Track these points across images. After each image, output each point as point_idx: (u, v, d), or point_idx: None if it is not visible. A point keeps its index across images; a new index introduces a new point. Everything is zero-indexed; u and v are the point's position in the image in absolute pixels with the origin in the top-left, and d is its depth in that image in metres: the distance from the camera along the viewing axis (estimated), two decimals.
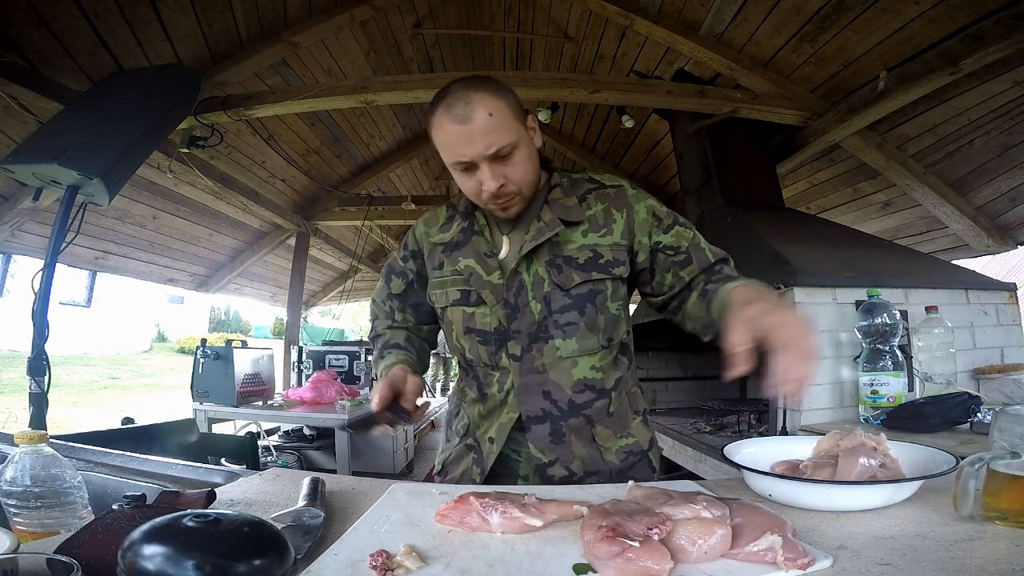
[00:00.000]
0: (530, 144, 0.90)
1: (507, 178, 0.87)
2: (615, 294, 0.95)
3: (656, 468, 1.01)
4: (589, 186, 0.99)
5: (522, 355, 0.94)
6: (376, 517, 0.65)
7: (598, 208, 0.96)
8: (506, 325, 0.94)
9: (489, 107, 0.82)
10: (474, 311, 0.97)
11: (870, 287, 1.65)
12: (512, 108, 0.86)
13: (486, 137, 0.82)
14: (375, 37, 3.37)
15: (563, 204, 0.95)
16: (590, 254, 0.93)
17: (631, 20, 2.83)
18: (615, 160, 4.54)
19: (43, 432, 0.70)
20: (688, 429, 2.54)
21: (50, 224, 1.93)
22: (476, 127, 0.82)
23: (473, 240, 0.99)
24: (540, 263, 0.94)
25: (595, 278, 0.93)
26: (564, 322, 0.93)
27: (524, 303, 0.94)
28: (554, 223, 0.93)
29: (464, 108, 0.82)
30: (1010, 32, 1.87)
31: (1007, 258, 5.65)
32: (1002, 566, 0.48)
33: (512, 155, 0.86)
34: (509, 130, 0.84)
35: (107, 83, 2.15)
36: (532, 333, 0.93)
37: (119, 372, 11.97)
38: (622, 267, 0.94)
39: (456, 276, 0.98)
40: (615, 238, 0.94)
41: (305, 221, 4.70)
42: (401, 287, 1.08)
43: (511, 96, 0.87)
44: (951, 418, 1.32)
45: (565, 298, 0.93)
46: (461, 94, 0.83)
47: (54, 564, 0.44)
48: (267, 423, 3.56)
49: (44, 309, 1.78)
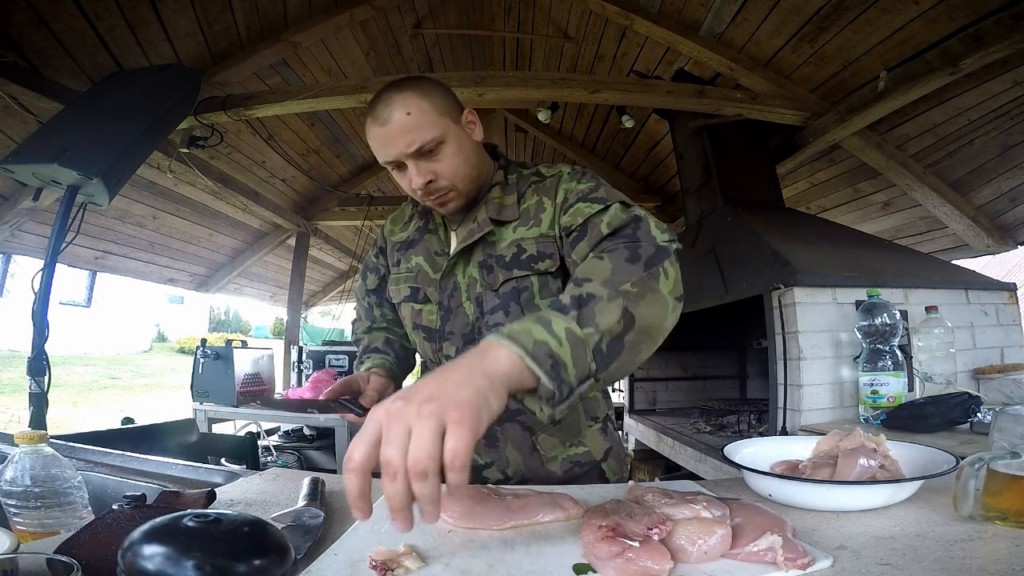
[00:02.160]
0: (462, 138, 0.88)
1: (436, 173, 0.86)
2: (544, 290, 0.90)
3: (611, 480, 0.97)
4: (532, 179, 0.95)
5: (456, 356, 0.93)
6: (376, 517, 0.65)
7: (532, 201, 0.92)
8: (442, 327, 0.95)
9: (408, 106, 0.82)
10: (421, 308, 0.98)
11: (870, 287, 1.65)
12: (436, 104, 0.84)
13: (405, 136, 0.82)
14: (375, 37, 3.36)
15: (499, 203, 0.93)
16: (515, 250, 0.90)
17: (631, 20, 2.83)
18: (615, 160, 4.54)
19: (43, 432, 0.70)
20: (688, 429, 2.54)
21: (50, 224, 1.93)
22: (394, 127, 0.82)
23: (425, 238, 0.99)
24: (474, 264, 0.93)
25: (517, 275, 0.90)
26: (493, 323, 0.91)
27: (457, 304, 0.94)
28: (485, 223, 0.91)
29: (384, 110, 0.82)
30: (1010, 32, 1.86)
31: (1007, 258, 5.65)
32: (1002, 566, 0.48)
33: (438, 150, 0.85)
34: (431, 126, 0.83)
35: (107, 83, 2.15)
36: (466, 335, 0.93)
37: (119, 372, 11.97)
38: (548, 260, 0.89)
39: (408, 273, 1.00)
40: (542, 229, 0.90)
41: (305, 221, 4.70)
42: (375, 283, 1.11)
43: (438, 92, 0.86)
44: (951, 418, 1.32)
45: (495, 298, 0.91)
46: (384, 97, 0.84)
47: (54, 564, 0.44)
48: (267, 423, 3.56)
49: (44, 309, 1.78)
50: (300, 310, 5.05)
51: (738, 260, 2.18)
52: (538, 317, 0.57)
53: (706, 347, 3.30)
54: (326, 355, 4.01)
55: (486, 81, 2.62)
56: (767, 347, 1.83)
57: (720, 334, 3.12)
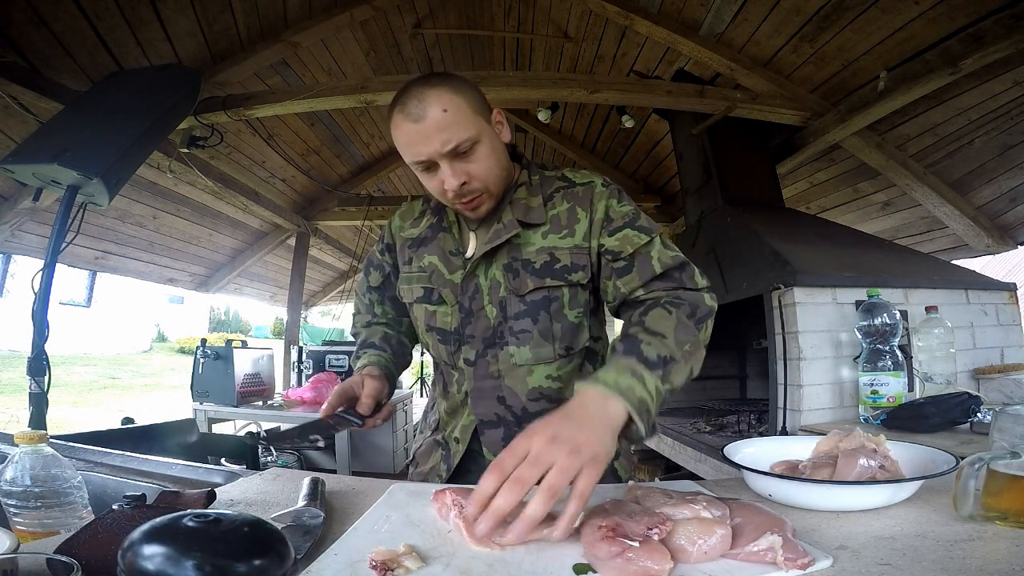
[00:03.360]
0: (494, 139, 0.86)
1: (470, 175, 0.83)
2: (573, 301, 0.89)
3: (622, 478, 0.97)
4: (559, 184, 0.93)
5: (476, 360, 0.92)
6: (376, 517, 0.65)
7: (563, 207, 0.90)
8: (461, 328, 0.92)
9: (444, 103, 0.79)
10: (435, 309, 0.95)
11: (870, 287, 1.65)
12: (471, 103, 0.82)
13: (441, 134, 0.79)
14: (375, 37, 3.37)
15: (526, 204, 0.90)
16: (547, 258, 0.88)
17: (631, 20, 2.83)
18: (615, 160, 4.54)
19: (43, 432, 0.70)
20: (688, 429, 2.54)
21: (50, 224, 1.93)
22: (430, 124, 0.78)
23: (439, 237, 0.96)
24: (498, 267, 0.90)
25: (549, 284, 0.88)
26: (518, 329, 0.89)
27: (479, 307, 0.91)
28: (512, 225, 0.88)
29: (417, 106, 0.79)
30: (1010, 32, 1.87)
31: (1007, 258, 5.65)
32: (1002, 566, 0.48)
33: (473, 151, 0.82)
34: (467, 125, 0.80)
35: (107, 83, 2.15)
36: (487, 338, 0.91)
37: (119, 372, 11.97)
38: (580, 272, 0.88)
39: (420, 273, 0.96)
40: (576, 240, 0.88)
41: (305, 221, 4.70)
42: (379, 280, 1.07)
43: (471, 91, 0.84)
44: (951, 418, 1.32)
45: (520, 304, 0.89)
46: (415, 92, 0.80)
47: (54, 564, 0.44)
48: (267, 423, 3.56)
49: (44, 309, 1.78)
50: (300, 310, 5.06)
51: (738, 260, 2.18)
52: (633, 371, 0.69)
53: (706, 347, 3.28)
54: (326, 355, 4.01)
55: (486, 81, 2.62)
56: (767, 347, 1.83)
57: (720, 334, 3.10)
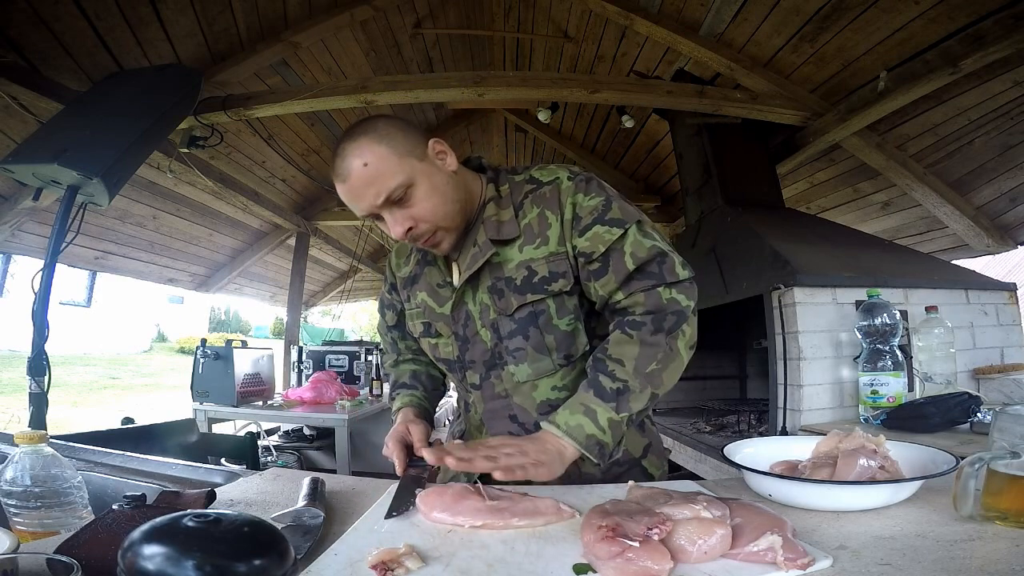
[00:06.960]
0: (433, 175, 0.82)
1: (414, 218, 0.81)
2: (561, 310, 0.86)
3: (655, 475, 0.95)
4: (527, 188, 0.88)
5: (481, 383, 0.93)
6: (376, 517, 0.65)
7: (533, 215, 0.86)
8: (462, 356, 0.93)
9: (363, 156, 0.77)
10: (436, 342, 0.97)
11: (870, 287, 1.65)
12: (395, 146, 0.79)
13: (368, 188, 0.78)
14: (375, 37, 3.36)
15: (497, 221, 0.87)
16: (526, 272, 0.86)
17: (631, 20, 2.83)
18: (615, 160, 4.54)
19: (43, 432, 0.70)
20: (688, 429, 2.54)
21: (50, 224, 1.93)
22: (355, 181, 0.78)
23: (426, 272, 0.96)
24: (483, 290, 0.88)
25: (531, 299, 0.85)
26: (513, 348, 0.88)
27: (474, 333, 0.91)
28: (486, 246, 0.86)
29: (341, 164, 0.79)
30: (1010, 32, 1.87)
31: (1007, 258, 5.65)
32: (1002, 566, 0.48)
33: (409, 195, 0.80)
34: (394, 172, 0.78)
35: (107, 83, 2.15)
36: (487, 361, 0.91)
37: (119, 372, 11.96)
38: (562, 280, 0.85)
39: (417, 309, 0.98)
40: (551, 247, 0.85)
41: (305, 221, 4.70)
42: (394, 319, 1.08)
43: (396, 132, 0.80)
44: (951, 418, 1.32)
45: (511, 323, 0.87)
46: (339, 149, 0.80)
47: (54, 564, 0.44)
48: (267, 423, 3.56)
49: (44, 309, 1.78)
50: (300, 310, 5.06)
51: (738, 260, 2.18)
52: (585, 408, 0.76)
53: (706, 347, 3.25)
54: (326, 355, 4.01)
55: (486, 81, 2.62)
56: (767, 347, 1.83)
57: (720, 334, 3.11)
